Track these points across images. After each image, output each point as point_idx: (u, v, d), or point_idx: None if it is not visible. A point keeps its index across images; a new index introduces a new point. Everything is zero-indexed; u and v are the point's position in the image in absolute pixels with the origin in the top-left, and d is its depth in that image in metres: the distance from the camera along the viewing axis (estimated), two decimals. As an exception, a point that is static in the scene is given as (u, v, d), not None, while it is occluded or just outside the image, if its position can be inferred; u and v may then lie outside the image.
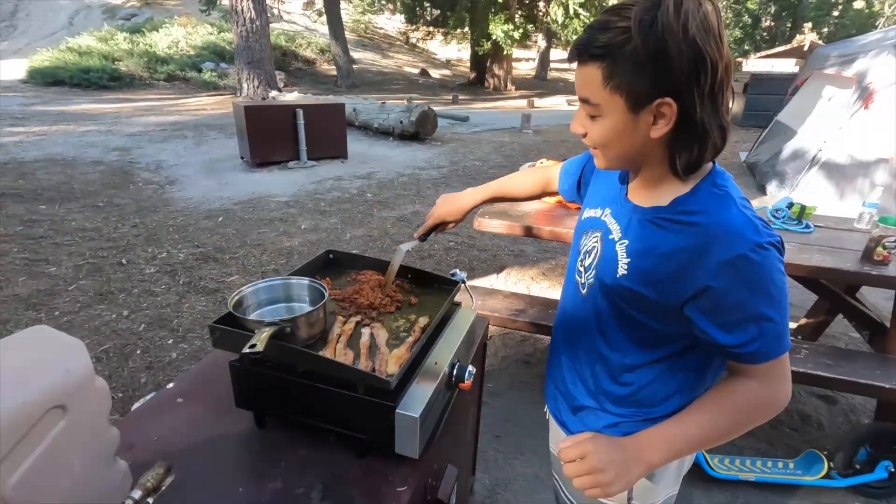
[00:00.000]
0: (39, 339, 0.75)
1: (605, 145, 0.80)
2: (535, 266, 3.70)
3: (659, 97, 0.70)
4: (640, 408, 0.92)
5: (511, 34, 16.17)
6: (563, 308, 1.06)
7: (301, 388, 0.98)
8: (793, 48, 21.44)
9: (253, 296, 1.10)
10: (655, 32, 0.67)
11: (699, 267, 0.74)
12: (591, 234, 0.94)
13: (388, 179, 5.69)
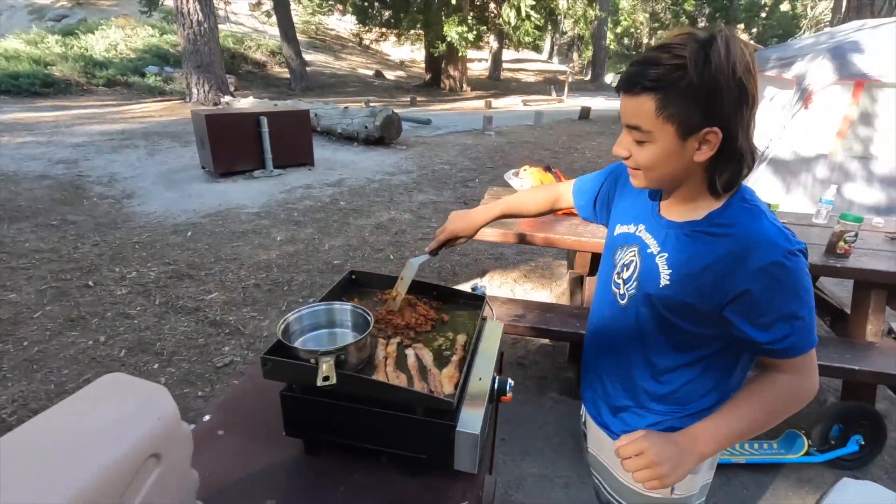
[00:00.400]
0: (122, 387, 0.74)
1: (651, 168, 0.86)
2: (516, 269, 3.80)
3: (707, 126, 0.78)
4: (679, 405, 0.99)
5: (465, 36, 16.31)
6: (598, 318, 1.13)
7: (357, 413, 0.99)
8: (728, 48, 22.87)
9: (297, 322, 1.10)
10: (709, 70, 0.75)
11: (738, 273, 0.82)
12: (627, 248, 1.01)
13: (359, 186, 5.65)
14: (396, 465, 1.04)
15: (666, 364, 0.98)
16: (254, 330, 2.94)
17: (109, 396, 0.72)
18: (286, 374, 1.00)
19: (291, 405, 1.03)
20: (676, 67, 0.76)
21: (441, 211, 4.92)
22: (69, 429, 0.65)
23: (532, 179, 2.73)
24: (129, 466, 0.65)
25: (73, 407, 0.70)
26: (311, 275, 3.60)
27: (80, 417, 0.68)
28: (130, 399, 0.72)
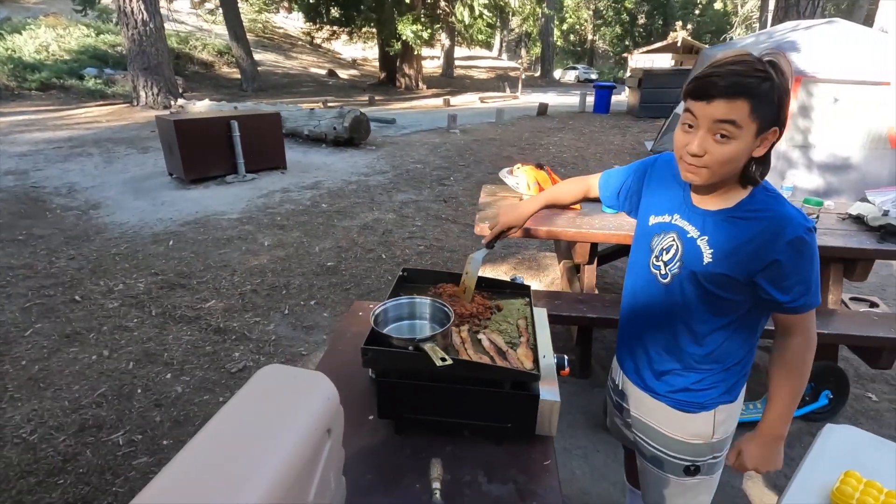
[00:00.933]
0: (286, 376, 0.84)
1: (727, 162, 1.00)
2: (505, 261, 3.98)
3: (774, 126, 0.98)
4: (718, 363, 1.19)
5: (420, 35, 16.41)
6: (635, 298, 1.30)
7: (448, 392, 1.12)
8: (668, 44, 24.04)
9: (383, 314, 1.21)
10: (783, 80, 0.95)
11: (770, 247, 1.02)
12: (665, 235, 1.19)
13: (337, 188, 5.67)
14: (481, 437, 1.18)
15: (706, 328, 1.17)
16: (260, 335, 2.97)
17: (279, 385, 0.82)
18: (386, 361, 1.11)
19: (387, 390, 1.15)
20: (763, 78, 0.94)
21: (423, 210, 5.04)
22: (260, 413, 0.76)
23: (526, 177, 2.90)
24: (315, 440, 0.76)
25: (251, 396, 0.80)
26: (307, 278, 3.64)
27: (264, 403, 0.78)
28: (300, 385, 0.82)
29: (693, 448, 1.26)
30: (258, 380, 0.83)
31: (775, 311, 1.11)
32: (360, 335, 1.59)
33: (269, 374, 0.84)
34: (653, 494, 1.38)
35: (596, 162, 7.19)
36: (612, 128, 10.29)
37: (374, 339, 1.14)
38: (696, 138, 1.00)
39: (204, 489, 0.61)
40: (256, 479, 0.64)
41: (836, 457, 1.60)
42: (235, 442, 0.70)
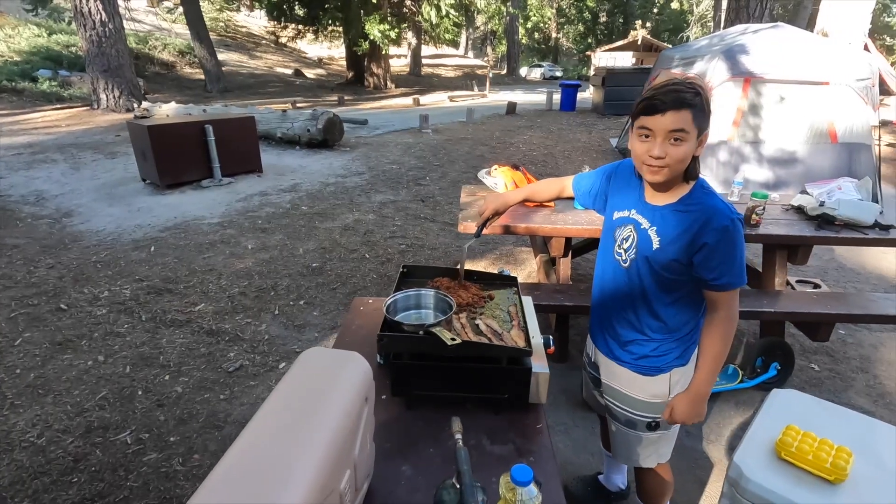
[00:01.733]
0: (326, 356, 1.00)
1: (681, 161, 1.24)
2: (484, 258, 4.18)
3: (705, 130, 1.23)
4: (670, 332, 1.42)
5: (388, 34, 16.46)
6: (603, 281, 1.52)
7: (455, 370, 1.30)
8: (628, 42, 24.82)
9: (392, 305, 1.38)
10: (705, 95, 1.20)
11: (701, 233, 1.25)
12: (624, 227, 1.42)
13: (315, 190, 5.76)
14: (481, 408, 1.36)
15: (659, 304, 1.40)
16: (253, 335, 3.08)
17: (323, 363, 0.98)
18: (399, 345, 1.28)
19: (399, 370, 1.31)
20: (696, 93, 1.20)
21: (401, 210, 5.19)
22: (312, 385, 0.92)
23: (504, 177, 3.10)
24: (357, 406, 0.93)
25: (303, 373, 0.96)
26: (294, 279, 3.75)
27: (314, 378, 0.94)
28: (340, 362, 0.99)
29: (654, 406, 1.49)
30: (304, 360, 0.99)
31: (704, 287, 1.34)
32: (364, 327, 1.76)
33: (313, 355, 1.00)
34: (623, 451, 1.60)
35: (564, 159, 7.48)
36: (578, 125, 10.65)
37: (388, 326, 1.31)
38: (655, 145, 1.24)
39: (276, 446, 0.77)
40: (317, 437, 0.81)
41: (779, 415, 1.86)
42: (298, 409, 0.86)
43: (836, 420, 1.84)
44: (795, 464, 1.62)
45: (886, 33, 24.13)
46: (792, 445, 1.65)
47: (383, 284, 3.70)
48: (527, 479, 0.88)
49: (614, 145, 8.50)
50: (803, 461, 1.60)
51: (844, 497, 1.51)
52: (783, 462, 1.64)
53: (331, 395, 0.89)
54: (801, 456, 1.61)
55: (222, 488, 0.69)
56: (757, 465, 1.63)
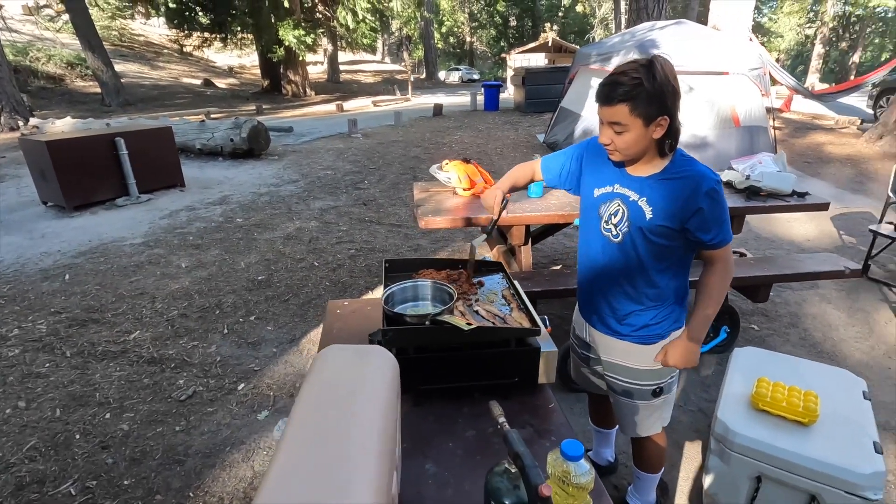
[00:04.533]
0: (351, 353, 0.91)
1: (627, 148, 1.30)
2: (437, 255, 4.14)
3: (660, 116, 1.24)
4: (667, 298, 1.47)
5: (304, 40, 15.98)
6: (592, 258, 1.54)
7: (462, 359, 1.25)
8: (540, 44, 25.91)
9: (390, 298, 1.30)
10: (656, 82, 1.20)
11: (694, 198, 1.30)
12: (611, 202, 1.44)
13: (248, 201, 5.42)
14: (488, 395, 1.32)
15: (654, 272, 1.43)
16: (203, 358, 2.82)
17: (348, 362, 0.90)
18: (406, 339, 1.21)
19: (407, 366, 1.24)
20: (636, 84, 1.21)
21: (344, 215, 5.03)
22: (343, 388, 0.83)
23: (456, 171, 3.08)
24: (393, 404, 0.87)
25: (327, 376, 0.87)
26: (239, 294, 3.49)
27: (343, 380, 0.85)
28: (367, 360, 0.91)
29: (657, 373, 1.53)
30: (327, 358, 0.89)
31: (701, 248, 1.40)
32: (346, 329, 1.66)
33: (333, 354, 0.91)
34: (630, 422, 1.62)
35: (498, 156, 7.63)
36: (504, 124, 10.94)
37: (390, 320, 1.23)
38: (603, 131, 1.33)
39: (328, 448, 0.68)
40: (366, 438, 0.72)
41: (746, 371, 1.99)
42: (338, 409, 0.77)
43: (795, 369, 2.00)
44: (771, 412, 1.73)
45: (758, 31, 27.15)
46: (766, 396, 1.77)
47: (338, 291, 3.54)
48: (578, 453, 0.85)
49: (542, 140, 8.81)
50: (779, 408, 1.72)
51: (820, 436, 1.64)
52: (760, 412, 1.75)
53: (367, 393, 0.81)
54: (776, 404, 1.73)
55: (285, 490, 0.60)
56: (739, 419, 1.73)
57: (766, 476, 1.63)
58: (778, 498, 1.64)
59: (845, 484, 1.50)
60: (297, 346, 2.93)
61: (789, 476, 1.59)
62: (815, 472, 1.55)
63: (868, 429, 1.67)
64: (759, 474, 1.64)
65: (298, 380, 2.63)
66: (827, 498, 1.54)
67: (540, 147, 8.40)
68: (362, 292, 3.53)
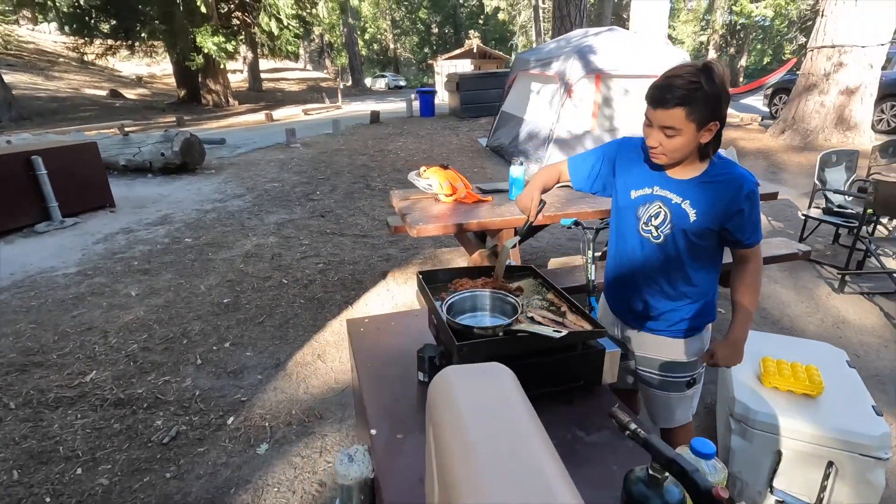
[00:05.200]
0: (472, 374, 0.85)
1: (676, 151, 1.33)
2: (409, 264, 4.06)
3: (712, 121, 1.29)
4: (703, 294, 1.52)
5: (223, 47, 15.16)
6: (628, 258, 1.56)
7: (532, 367, 1.22)
8: (466, 51, 26.43)
9: (448, 311, 1.25)
10: (714, 86, 1.24)
11: (735, 201, 1.36)
12: (650, 204, 1.47)
13: (194, 219, 5.02)
14: (550, 403, 1.30)
15: (692, 270, 1.49)
16: (179, 394, 2.57)
17: (475, 384, 0.84)
18: (482, 352, 1.16)
19: (478, 380, 1.19)
20: (695, 88, 1.24)
21: (303, 228, 4.80)
22: (487, 401, 0.78)
23: (437, 177, 3.05)
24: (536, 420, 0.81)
25: (461, 391, 0.81)
26: (206, 321, 3.22)
27: (485, 392, 0.80)
28: (493, 379, 0.86)
29: (692, 364, 1.58)
30: (450, 383, 0.83)
31: (738, 247, 1.47)
32: (381, 347, 1.58)
33: (456, 376, 0.85)
34: (662, 415, 1.67)
35: (447, 161, 7.64)
36: (443, 129, 11.02)
37: (459, 333, 1.18)
38: (652, 134, 1.33)
39: (518, 469, 0.63)
40: (548, 463, 0.67)
41: (747, 353, 2.13)
42: (502, 431, 0.71)
43: (785, 346, 2.17)
44: (781, 388, 1.86)
45: (662, 39, 29.40)
46: (774, 374, 1.89)
47: (315, 308, 3.37)
48: (711, 451, 0.86)
49: (484, 145, 8.96)
50: (788, 384, 1.85)
51: (828, 406, 1.78)
52: (771, 390, 1.87)
53: (515, 407, 0.76)
54: (785, 381, 1.86)
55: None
56: (755, 398, 1.84)
57: (786, 449, 1.75)
58: (797, 469, 1.76)
59: (859, 447, 1.64)
60: (285, 370, 2.75)
61: (808, 446, 1.71)
62: (831, 439, 1.68)
63: (864, 395, 1.84)
64: (779, 448, 1.75)
65: (294, 406, 2.47)
66: (843, 462, 1.67)
67: (484, 151, 8.54)
68: (341, 307, 3.39)
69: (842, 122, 7.60)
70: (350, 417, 2.39)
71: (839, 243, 4.37)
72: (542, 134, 6.69)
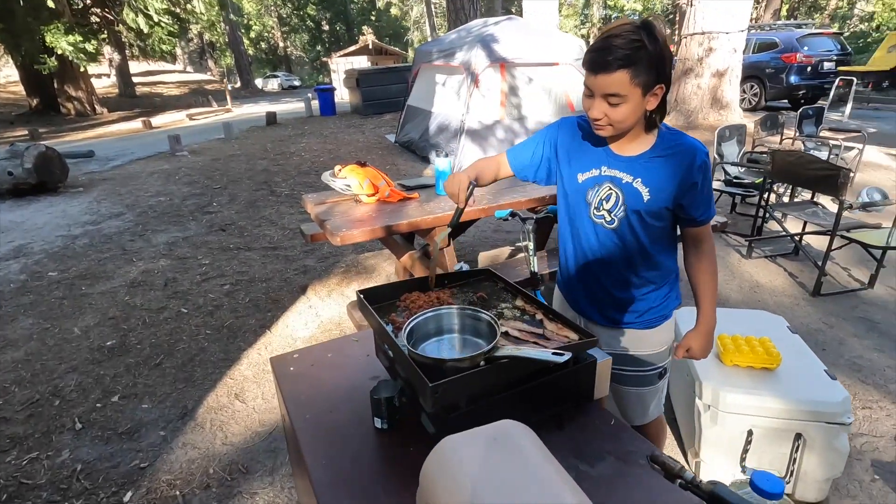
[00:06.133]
0: (478, 439, 0.61)
1: (622, 121, 1.18)
2: (330, 275, 3.68)
3: (657, 84, 1.15)
4: (666, 276, 1.40)
5: (82, 47, 13.26)
6: (584, 249, 1.40)
7: (518, 395, 1.00)
8: (361, 47, 25.77)
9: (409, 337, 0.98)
10: (657, 44, 1.11)
11: (689, 173, 1.24)
12: (600, 187, 1.32)
13: (59, 248, 4.18)
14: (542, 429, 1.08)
15: (652, 253, 1.35)
16: (53, 473, 2.02)
17: (482, 449, 0.59)
18: (460, 390, 0.91)
19: (457, 424, 0.94)
20: (637, 46, 1.09)
21: (200, 246, 4.20)
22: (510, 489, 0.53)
23: (355, 176, 2.73)
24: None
25: (480, 469, 0.55)
26: (84, 371, 2.62)
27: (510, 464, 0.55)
28: (506, 443, 0.61)
29: (661, 355, 1.47)
30: (451, 469, 0.57)
31: (689, 226, 1.35)
32: (320, 390, 1.28)
33: (459, 454, 0.59)
34: (639, 410, 1.53)
35: (355, 160, 7.26)
36: (347, 127, 10.53)
37: (428, 370, 0.91)
38: (594, 105, 1.18)
39: None
40: None
41: (698, 331, 2.10)
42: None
43: (728, 319, 2.16)
44: (741, 364, 1.82)
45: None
46: (732, 351, 1.85)
47: (226, 339, 2.90)
48: (778, 488, 0.68)
49: (393, 140, 8.67)
50: (747, 359, 1.81)
51: (787, 377, 1.76)
52: (732, 368, 1.83)
53: (561, 491, 0.52)
54: (743, 356, 1.82)
55: None
56: (720, 380, 1.78)
57: (756, 427, 1.70)
58: (767, 445, 1.72)
59: (824, 415, 1.63)
60: (194, 419, 2.29)
61: (776, 422, 1.68)
62: (798, 411, 1.65)
63: (814, 360, 1.86)
64: (750, 427, 1.71)
65: (211, 464, 2.05)
66: (811, 433, 1.66)
67: (394, 148, 8.25)
68: (257, 333, 2.95)
69: (716, 102, 8.33)
70: (284, 465, 2.03)
71: (737, 212, 4.70)
72: (452, 126, 6.55)
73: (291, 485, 1.94)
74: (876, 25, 23.41)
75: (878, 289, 3.23)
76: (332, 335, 2.93)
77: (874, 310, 3.01)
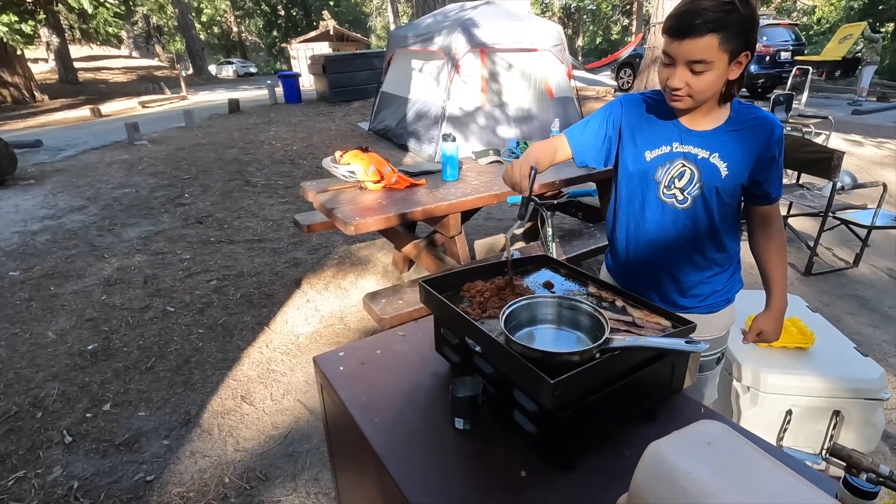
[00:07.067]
0: (683, 442, 0.52)
1: (706, 90, 1.12)
2: (323, 267, 3.51)
3: (744, 51, 1.10)
4: (731, 259, 1.36)
5: (18, 28, 12.21)
6: (650, 228, 1.33)
7: (624, 388, 0.93)
8: (321, 33, 24.95)
9: (509, 327, 0.89)
10: (750, 4, 1.06)
11: (768, 147, 1.20)
12: (672, 164, 1.26)
13: (18, 245, 3.81)
14: (629, 425, 1.02)
15: (723, 233, 1.31)
16: (46, 492, 1.82)
17: (693, 450, 0.51)
18: (579, 385, 0.83)
19: (565, 425, 0.86)
20: (729, 9, 1.03)
21: (178, 240, 3.93)
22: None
23: (359, 162, 2.60)
24: None
25: (701, 468, 0.47)
26: (66, 379, 2.39)
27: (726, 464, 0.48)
28: (722, 446, 0.53)
29: (721, 340, 1.44)
30: (674, 486, 0.49)
31: (761, 204, 1.31)
32: (382, 390, 1.17)
33: (683, 467, 0.51)
34: (693, 396, 1.50)
35: (329, 148, 7.00)
36: (316, 115, 10.17)
37: (537, 366, 0.83)
38: (675, 74, 1.11)
39: None
40: None
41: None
42: None
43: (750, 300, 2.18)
44: (774, 345, 1.83)
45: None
46: (765, 331, 1.85)
47: (222, 338, 2.71)
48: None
49: (366, 128, 8.43)
50: (783, 340, 1.82)
51: (821, 356, 1.78)
52: (766, 348, 1.83)
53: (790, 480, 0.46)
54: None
55: None
56: (758, 361, 1.78)
57: (795, 406, 1.71)
58: (804, 424, 1.74)
59: (863, 392, 1.66)
60: (199, 425, 2.12)
61: (816, 400, 1.69)
62: (836, 388, 1.67)
63: (842, 338, 1.89)
64: (790, 407, 1.72)
65: (225, 472, 1.90)
66: (849, 409, 1.68)
67: (369, 135, 8.02)
68: (255, 331, 2.77)
69: (686, 90, 8.53)
70: (306, 470, 1.90)
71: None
72: (432, 112, 6.40)
73: (317, 490, 1.82)
74: (817, 19, 24.68)
75: (863, 267, 3.36)
76: (336, 330, 2.79)
77: (863, 287, 3.13)
